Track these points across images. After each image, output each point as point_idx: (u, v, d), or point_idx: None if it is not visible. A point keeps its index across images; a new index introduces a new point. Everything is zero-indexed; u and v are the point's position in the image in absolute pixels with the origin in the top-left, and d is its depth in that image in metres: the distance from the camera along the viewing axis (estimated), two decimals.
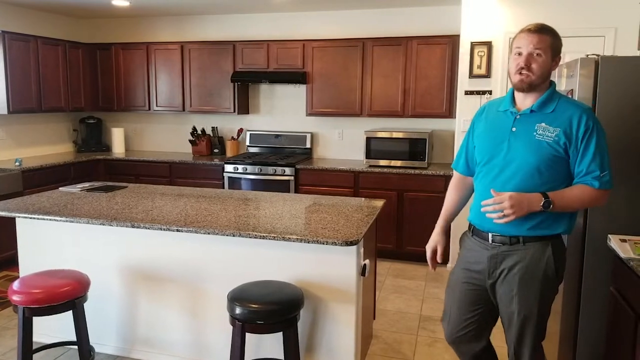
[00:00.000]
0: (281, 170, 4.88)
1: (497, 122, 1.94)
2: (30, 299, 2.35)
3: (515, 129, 1.87)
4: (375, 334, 3.24)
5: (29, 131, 5.37)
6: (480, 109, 2.09)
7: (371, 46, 4.82)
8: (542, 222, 1.84)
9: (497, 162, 1.89)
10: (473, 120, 2.09)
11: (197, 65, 5.40)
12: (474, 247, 2.00)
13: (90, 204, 2.97)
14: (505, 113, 1.93)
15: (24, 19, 5.23)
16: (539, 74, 1.80)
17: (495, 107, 1.99)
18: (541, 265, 1.85)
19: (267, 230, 2.43)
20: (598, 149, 1.78)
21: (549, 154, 1.80)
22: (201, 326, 2.81)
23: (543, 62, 1.80)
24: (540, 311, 1.89)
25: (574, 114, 1.80)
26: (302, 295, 2.34)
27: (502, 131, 1.90)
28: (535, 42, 1.79)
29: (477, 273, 1.98)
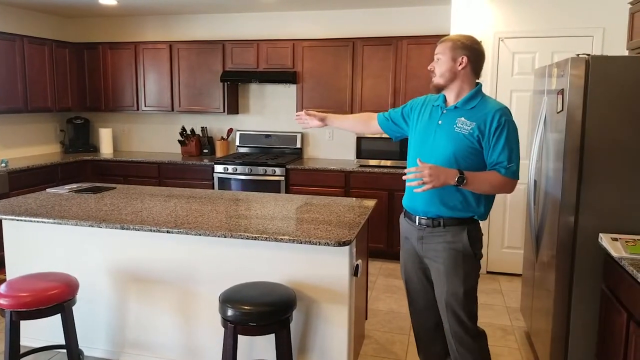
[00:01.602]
0: (272, 170, 4.86)
1: (430, 115, 2.22)
2: (17, 303, 2.31)
3: (441, 122, 2.15)
4: (367, 334, 3.24)
5: (15, 132, 5.28)
6: (422, 98, 2.34)
7: (361, 46, 4.82)
8: (460, 205, 2.10)
9: (425, 149, 2.17)
10: (412, 103, 2.37)
11: (186, 65, 5.36)
12: (407, 227, 2.30)
13: (79, 205, 2.93)
14: (436, 108, 2.21)
15: (9, 17, 5.15)
16: (439, 74, 2.12)
17: (432, 102, 2.25)
18: (460, 246, 2.11)
19: (259, 231, 2.41)
20: (507, 142, 2.03)
21: (465, 145, 2.06)
22: (192, 328, 2.78)
23: (442, 63, 2.10)
24: (466, 292, 2.12)
25: (489, 112, 2.05)
26: (294, 297, 2.33)
27: (432, 123, 2.18)
28: (437, 50, 2.14)
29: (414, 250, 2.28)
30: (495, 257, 4.35)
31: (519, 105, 4.12)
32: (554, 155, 2.59)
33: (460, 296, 2.12)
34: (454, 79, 2.10)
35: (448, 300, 2.15)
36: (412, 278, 2.37)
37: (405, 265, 2.39)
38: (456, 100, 2.13)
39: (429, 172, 1.96)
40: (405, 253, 2.38)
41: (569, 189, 2.42)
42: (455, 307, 2.14)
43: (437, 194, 2.12)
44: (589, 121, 2.34)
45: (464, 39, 2.11)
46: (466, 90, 2.12)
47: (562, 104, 2.43)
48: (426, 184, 1.97)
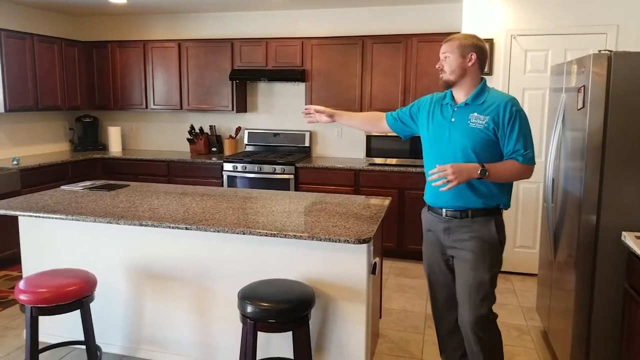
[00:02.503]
0: (281, 168, 4.85)
1: (440, 114, 2.29)
2: (37, 299, 2.31)
3: (454, 119, 2.22)
4: (381, 333, 3.23)
5: (26, 130, 5.29)
6: (428, 97, 2.42)
7: (371, 44, 4.81)
8: (486, 196, 2.18)
9: (442, 146, 2.24)
10: (419, 102, 2.44)
11: (195, 63, 5.36)
12: (431, 219, 2.37)
13: (95, 202, 2.93)
14: (446, 106, 2.28)
15: (20, 16, 5.15)
16: (449, 71, 2.20)
17: (440, 101, 2.33)
18: (487, 235, 2.20)
19: (277, 229, 2.41)
20: (521, 131, 2.12)
21: (481, 139, 2.14)
22: (209, 325, 2.78)
23: (451, 61, 2.18)
24: (491, 279, 2.21)
25: (500, 104, 2.13)
26: (313, 294, 2.32)
27: (445, 121, 2.25)
28: (443, 49, 2.23)
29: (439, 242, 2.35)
30: (508, 257, 4.32)
31: (532, 103, 4.11)
32: (573, 153, 2.58)
33: (485, 283, 2.20)
34: (464, 76, 2.19)
35: (472, 286, 2.21)
36: (435, 269, 2.44)
37: (429, 257, 2.46)
38: (465, 96, 2.21)
39: (451, 170, 2.05)
40: (429, 245, 2.44)
41: (590, 188, 2.40)
42: (480, 293, 2.21)
43: (462, 190, 2.19)
44: (611, 118, 2.32)
45: (470, 38, 2.22)
46: (474, 86, 2.21)
47: (583, 101, 2.42)
48: (451, 182, 2.06)
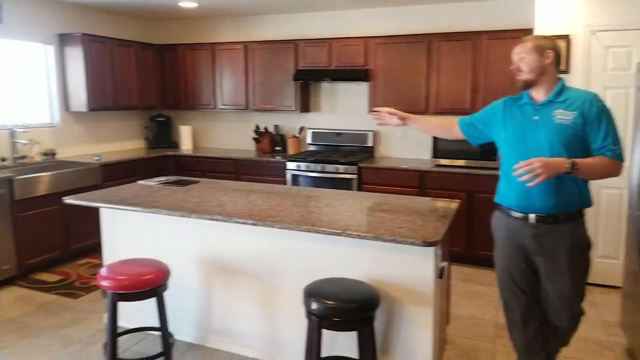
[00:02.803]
0: (344, 168, 4.88)
1: (520, 114, 2.28)
2: (117, 285, 2.46)
3: (537, 117, 2.21)
4: (449, 339, 3.17)
5: (106, 128, 5.65)
6: (500, 101, 2.42)
7: (437, 42, 4.73)
8: (575, 197, 2.17)
9: (526, 145, 2.21)
10: (492, 107, 2.44)
11: (260, 64, 5.49)
12: (512, 224, 2.30)
13: (169, 196, 3.08)
14: (525, 105, 2.27)
15: (101, 22, 5.51)
16: (527, 71, 2.20)
17: (516, 102, 2.33)
18: (578, 239, 2.20)
19: (342, 228, 2.43)
20: (609, 126, 2.11)
21: (569, 134, 2.12)
22: (274, 320, 2.85)
23: (530, 61, 2.19)
24: (584, 280, 2.25)
25: (586, 100, 2.14)
26: (378, 295, 2.31)
27: (527, 120, 2.24)
28: (517, 50, 2.25)
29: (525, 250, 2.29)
30: None
31: (614, 102, 3.83)
32: None
33: (582, 288, 2.25)
34: (543, 74, 2.20)
35: (571, 294, 2.23)
36: (515, 277, 2.36)
37: (506, 264, 2.39)
38: (546, 94, 2.22)
39: (539, 164, 2.01)
40: (506, 250, 2.37)
41: None
42: (577, 298, 2.27)
43: (552, 188, 2.16)
44: None
45: (544, 38, 2.27)
46: (553, 84, 2.22)
47: None
48: (539, 176, 2.01)
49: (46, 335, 3.11)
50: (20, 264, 3.97)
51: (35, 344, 3.00)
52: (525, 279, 2.34)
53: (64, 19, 5.04)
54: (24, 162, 4.54)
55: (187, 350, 2.98)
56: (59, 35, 4.97)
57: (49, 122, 5.00)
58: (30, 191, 4.01)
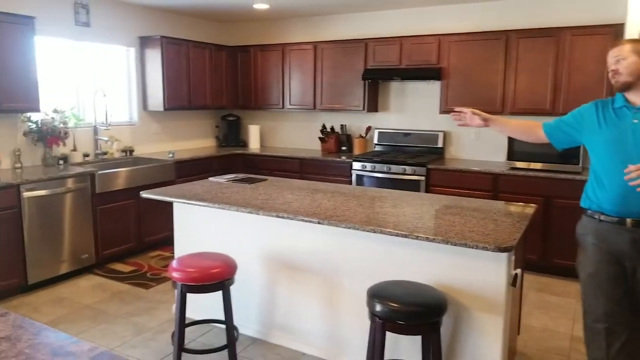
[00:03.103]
0: (411, 169, 4.76)
1: (616, 117, 2.24)
2: (187, 277, 2.53)
3: (637, 120, 2.17)
4: (519, 351, 2.99)
5: (180, 127, 5.90)
6: (591, 104, 2.35)
7: (516, 39, 4.49)
8: None
9: (626, 148, 2.17)
10: (585, 109, 2.37)
11: (329, 64, 5.49)
12: (606, 229, 2.22)
13: (237, 193, 3.14)
14: (622, 109, 2.23)
15: (177, 25, 5.75)
16: (626, 73, 2.17)
17: (610, 105, 2.28)
18: None
19: (409, 230, 2.35)
20: None
21: None
22: (336, 319, 2.82)
23: (630, 63, 2.16)
24: None
25: None
26: (445, 300, 2.23)
27: (625, 123, 2.20)
28: (615, 53, 2.21)
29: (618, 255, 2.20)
30: None
31: None
32: None
33: None
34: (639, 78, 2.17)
35: None
36: (604, 283, 2.23)
37: (595, 270, 2.26)
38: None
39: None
40: (597, 256, 2.26)
41: None
42: None
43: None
44: None
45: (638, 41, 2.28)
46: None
47: None
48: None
49: (119, 322, 3.27)
50: (98, 254, 4.22)
51: (109, 330, 3.17)
52: (614, 285, 2.21)
53: (145, 23, 5.31)
54: (105, 158, 4.84)
55: (251, 344, 3.02)
56: (140, 38, 5.25)
57: (127, 121, 5.29)
58: (109, 185, 4.26)
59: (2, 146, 4.02)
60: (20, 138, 4.13)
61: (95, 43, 4.83)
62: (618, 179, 2.12)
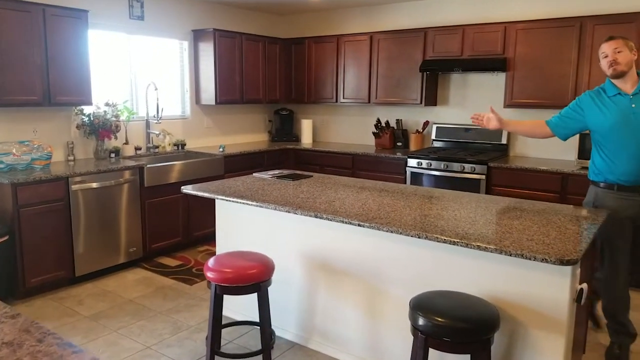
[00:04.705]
0: (470, 167, 4.43)
1: (614, 104, 2.65)
2: (221, 277, 2.43)
3: (635, 105, 2.60)
4: None
5: (232, 121, 5.88)
6: (586, 94, 2.78)
7: (592, 26, 4.04)
8: None
9: (628, 130, 2.60)
10: (583, 99, 2.78)
11: (385, 56, 5.24)
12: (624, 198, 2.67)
13: (279, 190, 3.01)
14: (617, 96, 2.65)
15: (230, 17, 5.71)
16: (624, 63, 2.60)
17: (603, 94, 2.70)
18: None
19: (459, 236, 2.11)
20: None
21: None
22: (378, 328, 2.62)
23: (625, 55, 2.60)
24: None
25: None
26: (497, 315, 1.98)
27: (625, 108, 2.62)
28: (614, 45, 2.62)
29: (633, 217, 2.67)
30: None
31: None
32: None
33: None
34: (632, 67, 2.63)
35: None
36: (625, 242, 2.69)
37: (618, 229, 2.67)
38: (633, 86, 2.62)
39: None
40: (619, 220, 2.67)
41: None
42: None
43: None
44: None
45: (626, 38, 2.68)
46: (635, 77, 2.64)
47: None
48: None
49: (158, 319, 3.24)
50: (145, 248, 4.25)
51: (148, 327, 3.14)
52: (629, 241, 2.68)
53: (198, 16, 5.31)
54: (157, 152, 4.88)
55: (288, 349, 2.88)
56: (193, 31, 5.25)
57: (180, 115, 5.32)
58: (158, 179, 4.27)
59: (56, 138, 4.13)
60: (73, 131, 4.23)
61: (149, 37, 4.87)
62: (627, 154, 2.61)
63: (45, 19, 3.67)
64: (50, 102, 3.77)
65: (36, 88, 3.67)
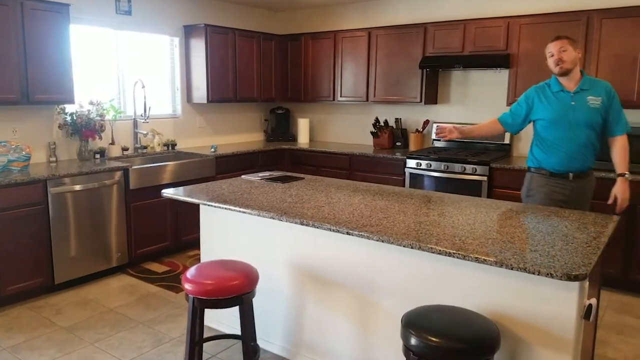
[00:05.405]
0: (472, 168, 4.24)
1: (557, 100, 2.87)
2: (200, 290, 2.26)
3: (574, 102, 2.82)
4: None
5: (225, 120, 5.69)
6: (532, 89, 3.00)
7: (599, 20, 3.85)
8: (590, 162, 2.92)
9: (568, 124, 2.83)
10: (530, 94, 3.00)
11: (384, 52, 5.06)
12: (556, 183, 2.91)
13: (265, 194, 2.83)
14: (560, 93, 2.87)
15: (223, 12, 5.51)
16: (569, 61, 2.80)
17: (547, 89, 2.92)
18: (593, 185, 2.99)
19: (455, 246, 1.93)
20: (621, 107, 2.85)
21: (598, 115, 2.81)
22: (370, 342, 2.44)
23: (569, 54, 2.79)
24: None
25: (604, 87, 2.84)
26: (498, 333, 1.81)
27: (565, 105, 2.84)
28: (559, 45, 2.81)
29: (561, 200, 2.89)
30: None
31: None
32: None
33: None
34: (576, 65, 2.83)
35: None
36: None
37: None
38: (576, 84, 2.84)
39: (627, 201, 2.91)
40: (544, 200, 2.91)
41: None
42: None
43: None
44: None
45: (571, 37, 2.89)
46: (579, 74, 2.86)
47: None
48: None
49: (139, 331, 3.07)
50: (131, 253, 4.07)
51: (127, 339, 2.96)
52: None
53: (190, 11, 5.13)
54: (145, 152, 4.70)
55: None
56: (185, 27, 5.07)
57: (171, 114, 5.14)
58: (144, 181, 4.08)
59: (37, 139, 3.95)
60: (55, 131, 4.05)
61: (137, 32, 4.69)
62: (562, 146, 2.86)
63: (23, 13, 3.49)
64: (29, 101, 3.59)
65: (14, 86, 3.48)
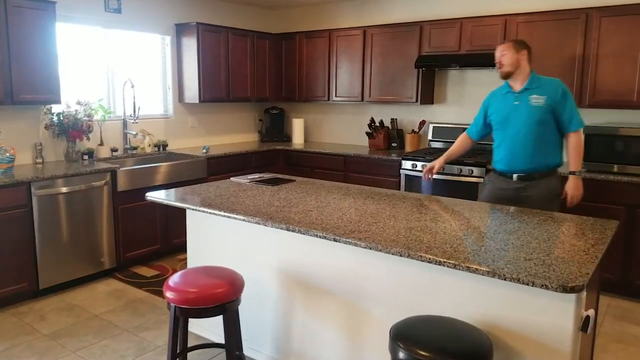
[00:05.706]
0: (468, 170, 4.15)
1: (504, 101, 3.01)
2: (181, 298, 2.17)
3: (517, 102, 2.93)
4: None
5: (218, 120, 5.60)
6: (490, 94, 3.14)
7: (598, 18, 3.76)
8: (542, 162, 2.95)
9: (511, 123, 2.95)
10: (486, 100, 3.15)
11: (379, 51, 4.97)
12: (502, 182, 3.03)
13: (253, 198, 2.74)
14: (507, 94, 3.01)
15: (216, 10, 5.41)
16: (508, 64, 2.92)
17: (499, 92, 3.06)
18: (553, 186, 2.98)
19: (446, 254, 1.85)
20: (572, 103, 2.90)
21: (542, 113, 2.86)
22: (360, 352, 2.36)
23: (508, 57, 2.91)
24: None
25: (552, 85, 2.89)
26: (490, 345, 1.73)
27: (509, 105, 2.97)
28: (501, 49, 2.95)
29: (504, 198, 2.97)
30: None
31: None
32: None
33: None
34: (518, 67, 2.90)
35: None
36: None
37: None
38: (522, 84, 2.91)
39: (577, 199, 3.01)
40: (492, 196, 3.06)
41: None
42: None
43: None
44: None
45: (519, 40, 2.98)
46: (527, 75, 2.91)
47: None
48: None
49: (124, 338, 2.98)
50: (119, 257, 3.98)
51: (111, 347, 2.88)
52: None
53: (182, 9, 5.03)
54: (135, 153, 4.61)
55: None
56: (177, 25, 4.97)
57: (162, 114, 5.04)
58: (133, 183, 3.99)
59: (23, 140, 3.86)
60: (42, 131, 3.96)
61: (127, 31, 4.60)
62: (506, 144, 2.97)
63: (7, 11, 3.39)
64: (14, 101, 3.50)
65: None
